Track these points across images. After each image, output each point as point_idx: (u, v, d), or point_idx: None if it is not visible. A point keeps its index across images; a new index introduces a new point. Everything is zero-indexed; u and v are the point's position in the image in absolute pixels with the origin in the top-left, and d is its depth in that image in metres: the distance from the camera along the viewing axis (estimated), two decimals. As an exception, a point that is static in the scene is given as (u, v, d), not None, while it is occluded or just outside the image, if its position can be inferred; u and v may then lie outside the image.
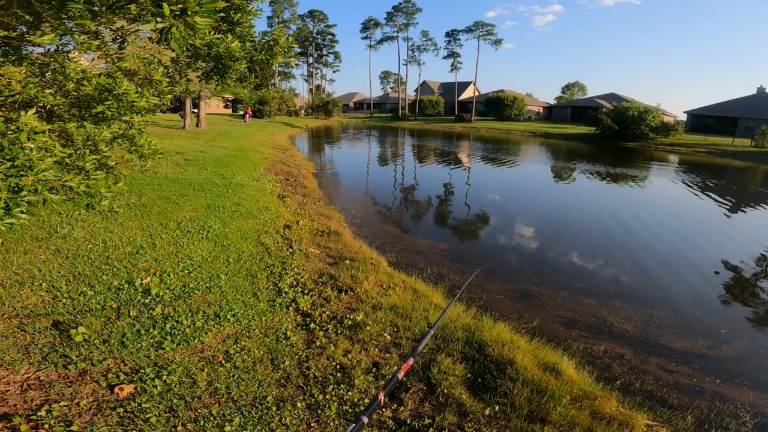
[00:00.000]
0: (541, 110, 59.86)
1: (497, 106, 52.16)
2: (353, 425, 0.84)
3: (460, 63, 56.08)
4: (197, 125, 23.43)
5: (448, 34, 55.68)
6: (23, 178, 1.40)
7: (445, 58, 56.92)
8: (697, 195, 13.94)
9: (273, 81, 51.36)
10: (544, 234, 8.54)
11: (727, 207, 12.31)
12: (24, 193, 1.43)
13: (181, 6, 1.10)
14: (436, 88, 68.83)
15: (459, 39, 55.09)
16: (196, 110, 24.62)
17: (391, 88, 76.40)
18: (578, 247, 7.69)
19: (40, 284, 3.66)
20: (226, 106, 49.85)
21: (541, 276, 6.05)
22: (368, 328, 3.62)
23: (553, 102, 67.78)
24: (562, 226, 9.20)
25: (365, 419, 0.86)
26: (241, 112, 38.39)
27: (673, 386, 3.70)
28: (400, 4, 54.71)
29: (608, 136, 33.66)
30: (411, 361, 1.14)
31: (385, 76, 78.93)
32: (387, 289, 4.56)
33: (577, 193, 13.85)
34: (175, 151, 12.79)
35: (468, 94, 61.00)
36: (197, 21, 1.14)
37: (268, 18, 57.10)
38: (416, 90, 63.43)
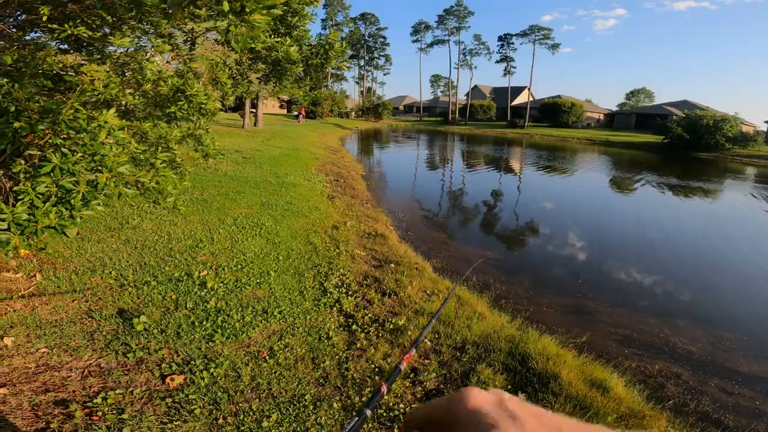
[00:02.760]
0: (601, 117, 56.46)
1: (553, 112, 49.89)
2: (356, 418, 0.76)
3: (514, 67, 54.30)
4: (255, 124, 24.65)
5: (501, 38, 54.22)
6: (99, 175, 1.49)
7: (497, 62, 55.46)
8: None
9: (326, 83, 52.91)
10: (601, 247, 7.96)
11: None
12: (101, 186, 1.52)
13: (239, 4, 1.11)
14: (488, 93, 67.20)
15: (513, 43, 53.42)
16: (254, 110, 25.92)
17: (442, 92, 75.75)
18: (641, 264, 7.11)
19: (110, 272, 3.94)
20: (281, 107, 52.06)
21: (596, 291, 5.68)
22: (409, 332, 3.58)
23: (615, 109, 63.67)
24: (623, 240, 8.54)
25: (368, 412, 0.78)
26: (296, 113, 39.91)
27: (731, 408, 3.40)
28: (452, 7, 54.16)
29: (678, 145, 30.99)
30: (413, 352, 1.08)
31: (435, 79, 78.44)
32: (430, 295, 4.49)
33: (640, 206, 12.79)
34: (234, 150, 13.50)
35: (522, 99, 58.92)
36: (256, 18, 1.14)
37: (322, 20, 58.87)
38: (467, 94, 62.38)
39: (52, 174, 1.40)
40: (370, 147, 27.43)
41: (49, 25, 1.42)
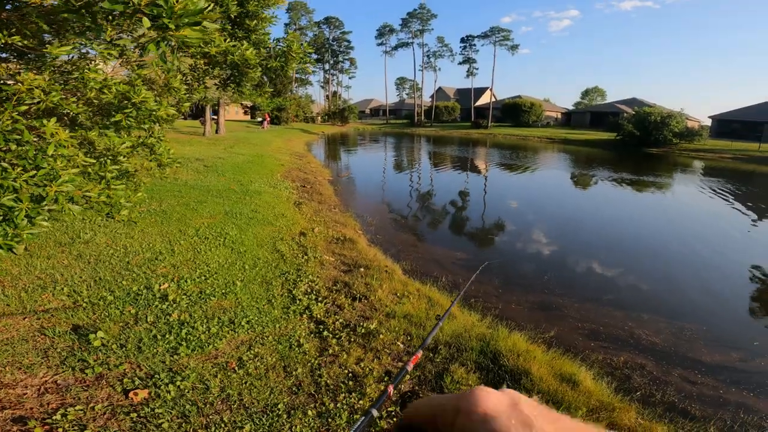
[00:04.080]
0: (559, 116, 58.98)
1: (514, 112, 51.59)
2: (363, 418, 0.78)
3: (476, 69, 55.65)
4: (217, 132, 23.92)
5: (463, 40, 55.51)
6: (46, 188, 1.42)
7: (460, 63, 56.68)
8: (727, 202, 13.41)
9: (291, 88, 52.22)
10: (566, 244, 8.31)
11: (758, 214, 11.80)
12: (45, 203, 1.45)
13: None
14: (452, 94, 68.64)
15: (475, 45, 54.79)
16: (215, 117, 25.16)
17: (407, 94, 76.65)
18: (604, 258, 7.43)
19: (62, 289, 3.74)
20: (245, 113, 50.83)
21: (563, 287, 5.88)
22: (381, 336, 3.59)
23: (571, 108, 66.75)
24: (585, 236, 8.95)
25: (375, 412, 0.80)
26: (260, 119, 39.07)
27: (696, 398, 3.58)
28: (415, 10, 54.91)
29: (629, 142, 32.84)
30: (420, 353, 1.09)
31: (400, 82, 79.29)
32: (401, 297, 4.52)
33: (598, 202, 13.50)
34: (195, 158, 13.06)
35: (484, 100, 60.60)
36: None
37: (286, 25, 58.07)
38: (432, 96, 63.41)
39: (-11, 191, 1.31)
40: (337, 151, 27.30)
41: None
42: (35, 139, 1.39)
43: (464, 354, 3.44)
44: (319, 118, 55.77)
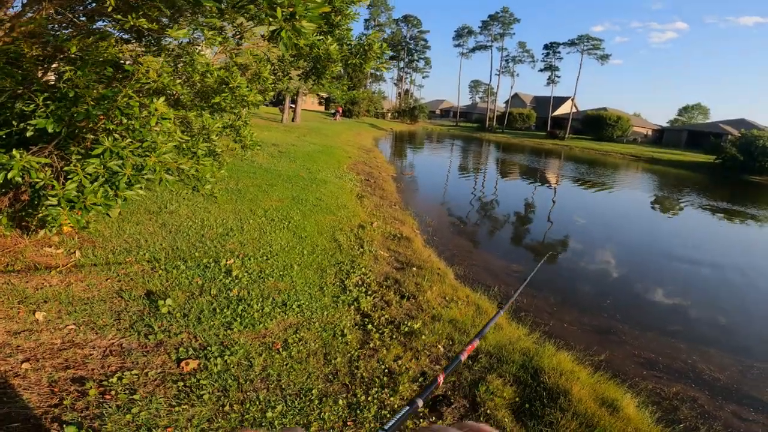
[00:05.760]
0: (649, 133, 53.77)
1: (597, 124, 47.88)
2: (407, 408, 0.74)
3: (558, 77, 52.65)
4: (293, 120, 25.25)
5: (546, 47, 52.69)
6: (147, 158, 1.59)
7: (541, 71, 53.91)
8: None
9: (365, 82, 53.40)
10: (635, 269, 7.66)
11: None
12: (145, 171, 1.62)
13: (291, 10, 1.15)
14: (529, 102, 65.55)
15: (559, 52, 51.73)
16: (293, 105, 26.54)
17: (480, 98, 74.64)
18: (677, 290, 6.81)
19: (144, 254, 4.09)
20: (320, 104, 52.98)
21: (624, 312, 5.53)
22: (423, 337, 3.57)
23: (665, 125, 60.48)
24: (659, 264, 8.15)
25: (420, 402, 0.75)
26: (333, 111, 40.53)
27: None
28: (497, 13, 53.13)
29: (729, 166, 28.97)
30: (476, 342, 1.03)
31: (474, 85, 77.38)
32: (449, 302, 4.45)
33: (680, 229, 12.11)
34: (271, 143, 13.88)
35: (564, 110, 57.05)
36: (304, 25, 1.18)
37: (365, 20, 59.26)
38: (506, 102, 61.14)
39: (101, 156, 1.50)
40: (403, 149, 27.42)
41: (114, 16, 1.53)
42: (145, 115, 1.57)
43: (504, 366, 3.35)
44: (389, 114, 56.40)
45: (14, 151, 1.47)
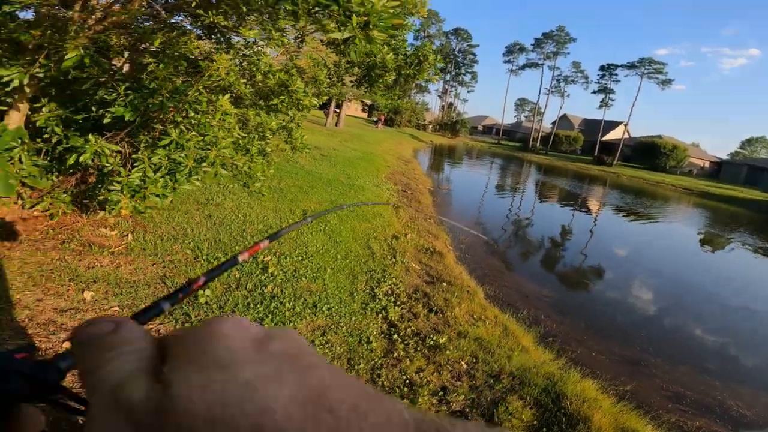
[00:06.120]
0: (706, 165, 50.54)
1: (650, 152, 45.32)
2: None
3: (612, 100, 50.73)
4: (336, 124, 25.81)
5: (603, 68, 51.07)
6: (208, 152, 1.66)
7: (594, 92, 52.28)
8: None
9: (410, 93, 53.85)
10: (673, 305, 7.39)
11: None
12: (204, 164, 1.69)
13: (365, 19, 1.17)
14: (577, 124, 63.51)
15: (616, 74, 49.95)
16: (338, 110, 27.14)
17: (526, 116, 73.27)
18: (716, 327, 6.61)
19: (189, 243, 4.25)
20: (362, 110, 53.93)
21: (657, 346, 5.34)
22: (448, 352, 3.53)
23: (725, 158, 56.65)
24: (699, 300, 7.87)
25: (167, 306, 0.59)
26: (375, 119, 41.11)
27: None
28: (552, 32, 52.16)
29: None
30: (265, 244, 0.81)
31: (521, 103, 76.15)
32: (477, 320, 4.40)
33: (728, 268, 11.31)
34: (314, 146, 14.23)
35: (615, 135, 54.76)
36: (376, 34, 1.19)
37: (416, 31, 59.91)
38: (553, 123, 59.58)
39: (167, 147, 1.59)
40: (441, 163, 27.29)
41: (197, 11, 1.62)
42: (211, 110, 1.65)
43: (526, 388, 3.30)
44: (430, 126, 56.47)
45: (90, 136, 1.59)
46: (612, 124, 56.21)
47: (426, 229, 8.01)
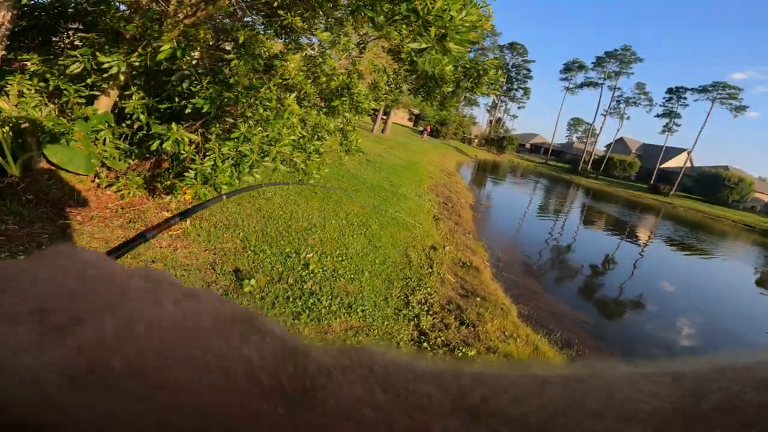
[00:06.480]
0: (775, 203, 45.98)
1: (713, 184, 42.01)
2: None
3: (678, 125, 47.57)
4: (383, 131, 26.13)
5: (670, 91, 48.13)
6: (271, 147, 1.76)
7: (658, 116, 49.32)
8: None
9: (458, 105, 53.55)
10: (712, 343, 7.01)
11: None
12: (267, 158, 1.79)
13: (443, 31, 1.20)
14: (635, 149, 60.12)
15: (685, 98, 46.85)
16: (385, 117, 27.48)
17: (578, 137, 70.41)
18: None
19: (239, 233, 4.44)
20: (409, 119, 54.22)
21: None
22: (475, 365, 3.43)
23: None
24: (743, 339, 7.34)
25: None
26: (421, 128, 41.20)
27: None
28: (616, 50, 49.90)
29: None
30: (177, 222, 0.77)
31: (574, 123, 73.33)
32: (508, 337, 4.30)
33: None
34: (360, 151, 14.49)
35: (676, 162, 51.23)
36: (452, 47, 1.22)
37: (471, 44, 59.32)
38: (608, 146, 56.82)
39: (237, 140, 1.70)
40: (484, 179, 26.83)
41: (277, 11, 1.73)
42: (279, 108, 1.76)
43: None
44: (476, 140, 55.72)
45: (173, 124, 1.75)
46: (674, 151, 52.63)
47: (464, 243, 7.90)
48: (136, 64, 1.85)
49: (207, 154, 1.80)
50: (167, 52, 1.68)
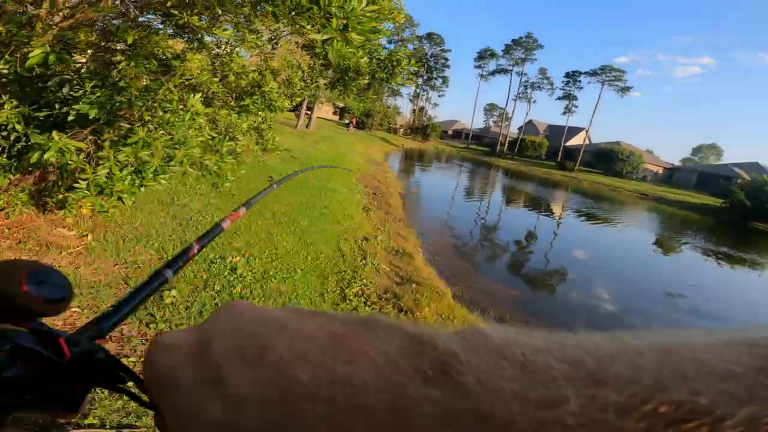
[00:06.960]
0: (660, 171, 53.91)
1: (608, 158, 47.95)
2: (158, 279, 0.62)
3: (576, 106, 53.12)
4: (307, 126, 25.57)
5: (567, 75, 53.46)
6: (176, 151, 1.66)
7: (559, 99, 54.63)
8: None
9: (382, 96, 54.12)
10: (630, 305, 7.75)
11: None
12: (172, 163, 1.68)
13: (344, 22, 1.22)
14: (542, 130, 66.01)
15: (580, 81, 52.38)
16: (309, 112, 26.90)
17: (494, 122, 75.36)
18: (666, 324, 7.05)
19: (153, 243, 4.13)
20: (334, 113, 53.66)
21: None
22: None
23: (677, 164, 60.65)
24: (653, 302, 8.28)
25: (169, 272, 0.65)
26: (346, 121, 41.05)
27: None
28: (521, 38, 54.08)
29: (736, 212, 28.61)
30: (243, 211, 0.89)
31: (490, 108, 78.28)
32: (445, 320, 4.49)
33: (677, 269, 12.21)
34: (285, 148, 14.03)
35: (577, 141, 57.35)
36: (354, 37, 1.25)
37: (390, 35, 60.08)
38: (520, 128, 61.70)
39: (134, 145, 1.57)
40: (412, 167, 27.64)
41: (171, 11, 1.61)
42: (181, 109, 1.65)
43: None
44: (402, 130, 57.00)
45: (54, 133, 1.55)
46: (575, 131, 58.90)
47: (396, 231, 8.11)
48: (5, 71, 1.60)
49: (101, 162, 1.64)
50: (38, 57, 1.48)
